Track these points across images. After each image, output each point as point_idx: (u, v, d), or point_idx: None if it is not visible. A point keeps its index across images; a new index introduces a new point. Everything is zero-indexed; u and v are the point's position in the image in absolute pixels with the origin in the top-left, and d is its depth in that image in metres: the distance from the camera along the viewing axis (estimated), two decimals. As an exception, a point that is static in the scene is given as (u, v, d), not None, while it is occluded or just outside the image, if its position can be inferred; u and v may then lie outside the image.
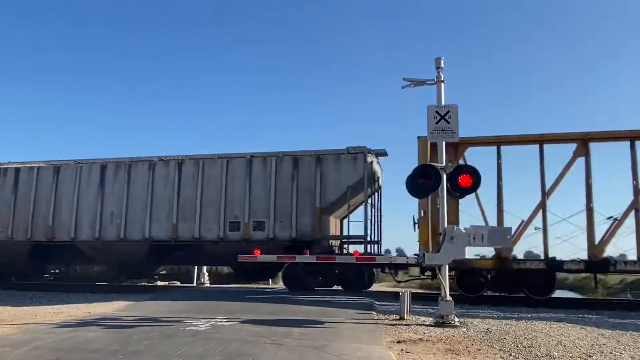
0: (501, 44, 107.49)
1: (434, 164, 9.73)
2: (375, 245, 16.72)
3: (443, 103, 10.02)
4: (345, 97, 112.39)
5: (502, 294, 13.76)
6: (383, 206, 17.62)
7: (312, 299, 13.51)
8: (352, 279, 15.79)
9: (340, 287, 16.16)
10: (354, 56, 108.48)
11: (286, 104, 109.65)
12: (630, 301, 16.15)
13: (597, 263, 13.20)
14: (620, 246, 13.74)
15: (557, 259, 13.36)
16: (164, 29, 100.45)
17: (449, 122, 9.77)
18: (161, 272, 24.52)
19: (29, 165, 18.45)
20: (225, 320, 9.27)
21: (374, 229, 16.67)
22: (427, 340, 7.51)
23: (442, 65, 10.16)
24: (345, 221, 17.65)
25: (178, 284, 22.37)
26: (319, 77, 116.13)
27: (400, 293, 10.27)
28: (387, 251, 19.67)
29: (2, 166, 18.56)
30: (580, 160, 13.85)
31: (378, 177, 17.13)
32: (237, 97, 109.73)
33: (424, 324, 9.21)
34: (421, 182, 9.59)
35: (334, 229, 17.39)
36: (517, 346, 7.15)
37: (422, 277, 15.01)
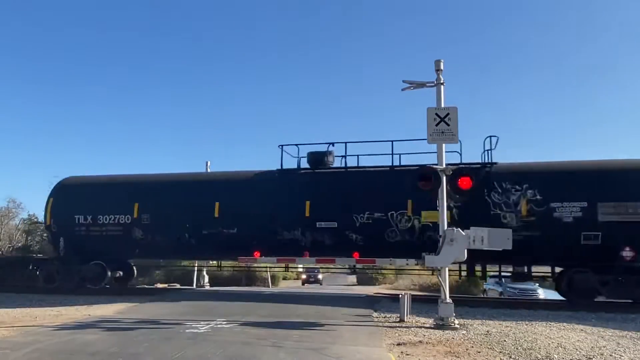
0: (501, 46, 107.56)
1: (434, 166, 9.73)
2: None
3: (443, 105, 10.02)
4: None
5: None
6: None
7: (313, 300, 13.49)
8: None
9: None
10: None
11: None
12: (631, 303, 16.10)
13: None
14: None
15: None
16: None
17: (448, 125, 9.77)
18: None
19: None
20: (224, 322, 9.26)
21: None
22: (427, 343, 7.51)
23: (442, 68, 10.17)
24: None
25: (178, 286, 22.34)
26: (315, 78, 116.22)
27: (400, 295, 10.27)
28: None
29: None
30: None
31: None
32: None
33: (424, 326, 9.20)
34: (421, 185, 9.61)
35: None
36: (517, 348, 7.14)
37: None
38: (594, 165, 13.60)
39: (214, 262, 19.94)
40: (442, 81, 10.14)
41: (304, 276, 35.13)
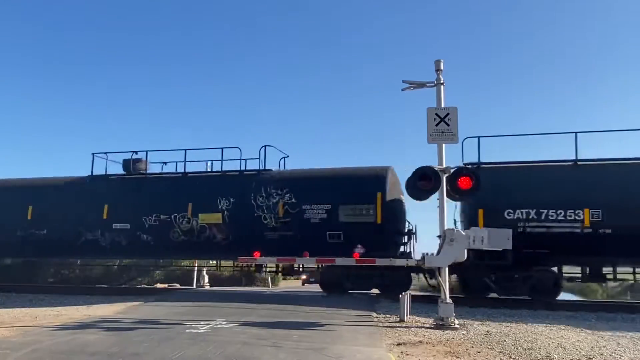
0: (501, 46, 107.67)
1: (434, 166, 9.73)
2: None
3: (443, 105, 10.02)
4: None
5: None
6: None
7: (313, 300, 13.49)
8: None
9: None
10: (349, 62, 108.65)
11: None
12: (630, 304, 16.11)
13: None
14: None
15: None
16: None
17: (448, 125, 9.76)
18: None
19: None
20: (224, 322, 9.26)
21: None
22: (427, 343, 7.50)
23: (442, 68, 10.16)
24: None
25: (178, 286, 22.33)
26: (314, 78, 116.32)
27: (400, 295, 10.26)
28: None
29: None
30: None
31: None
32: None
33: (424, 327, 9.20)
34: (421, 185, 9.61)
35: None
36: (517, 348, 7.14)
37: None
38: (336, 172, 15.64)
39: (214, 262, 20.00)
40: (442, 81, 10.13)
41: (303, 276, 35.01)
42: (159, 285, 23.13)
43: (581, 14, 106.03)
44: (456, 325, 9.07)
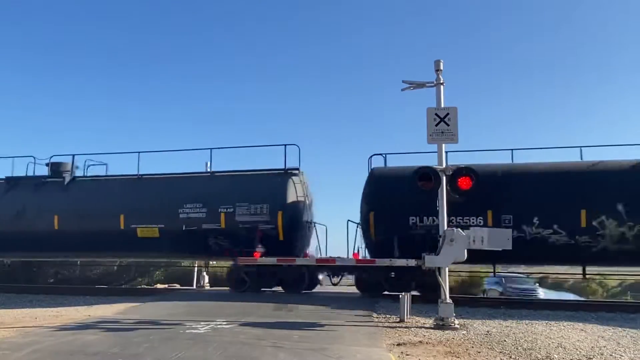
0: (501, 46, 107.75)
1: (434, 166, 9.73)
2: None
3: (442, 105, 10.02)
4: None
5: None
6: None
7: (313, 300, 13.49)
8: None
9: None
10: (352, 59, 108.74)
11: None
12: (630, 303, 16.12)
13: None
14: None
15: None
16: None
17: (448, 125, 9.77)
18: None
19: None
20: (225, 323, 9.26)
21: None
22: (427, 343, 7.51)
23: (442, 68, 10.16)
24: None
25: (178, 286, 22.32)
26: (315, 80, 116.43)
27: (400, 295, 10.26)
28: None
29: None
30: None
31: None
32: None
33: (424, 327, 9.20)
34: (421, 185, 9.62)
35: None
36: (517, 348, 7.15)
37: None
38: None
39: (214, 262, 19.99)
40: (441, 81, 10.13)
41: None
42: (159, 286, 23.11)
43: (581, 14, 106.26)
44: (456, 326, 9.07)
